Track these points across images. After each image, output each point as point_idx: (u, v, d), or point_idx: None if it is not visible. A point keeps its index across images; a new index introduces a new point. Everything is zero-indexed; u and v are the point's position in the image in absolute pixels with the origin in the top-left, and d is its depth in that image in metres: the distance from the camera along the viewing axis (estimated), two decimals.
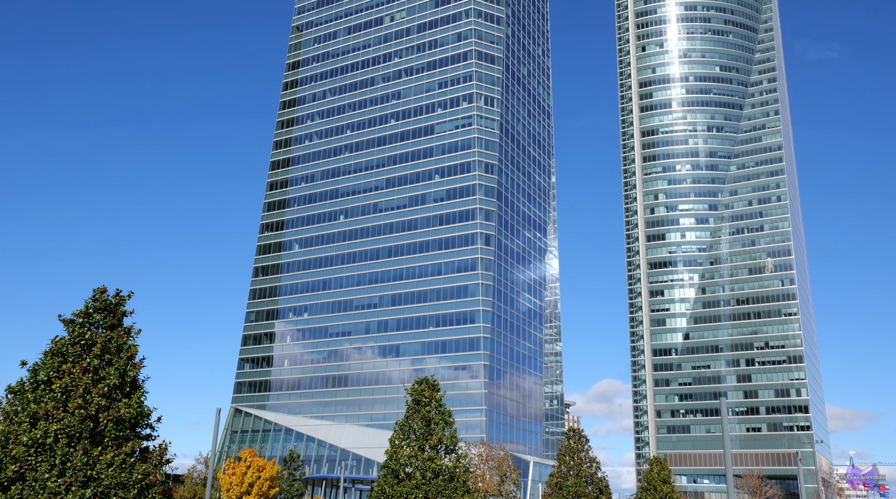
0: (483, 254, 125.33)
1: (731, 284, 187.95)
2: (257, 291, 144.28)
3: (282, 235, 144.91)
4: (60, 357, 23.76)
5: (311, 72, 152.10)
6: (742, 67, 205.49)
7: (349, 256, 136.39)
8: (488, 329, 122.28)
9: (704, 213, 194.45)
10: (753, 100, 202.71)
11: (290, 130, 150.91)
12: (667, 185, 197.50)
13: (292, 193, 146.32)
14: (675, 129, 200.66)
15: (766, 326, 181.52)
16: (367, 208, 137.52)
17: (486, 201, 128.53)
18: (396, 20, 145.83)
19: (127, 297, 25.50)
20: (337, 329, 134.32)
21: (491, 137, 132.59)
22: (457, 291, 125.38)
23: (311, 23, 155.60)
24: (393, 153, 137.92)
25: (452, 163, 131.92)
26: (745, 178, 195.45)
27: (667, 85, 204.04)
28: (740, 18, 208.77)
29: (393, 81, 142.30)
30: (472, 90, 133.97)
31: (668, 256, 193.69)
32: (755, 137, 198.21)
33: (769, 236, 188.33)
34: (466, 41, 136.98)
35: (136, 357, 24.72)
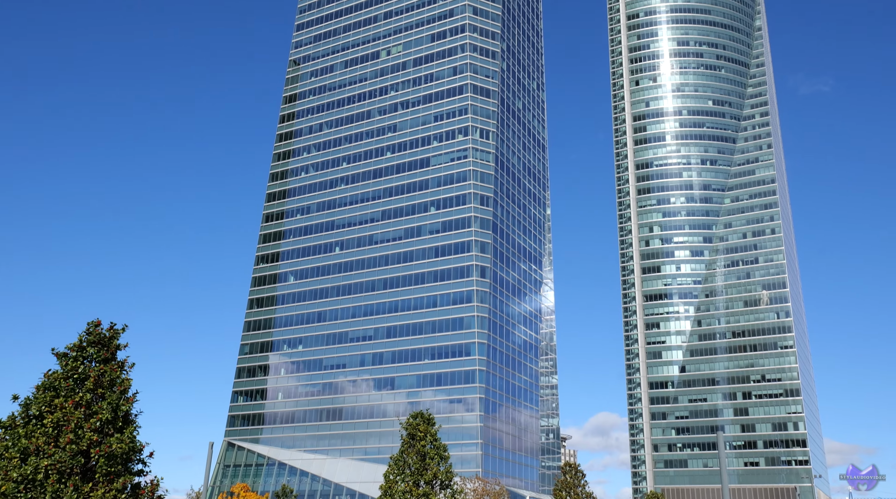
0: (478, 286, 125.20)
1: (726, 317, 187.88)
2: (252, 323, 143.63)
3: (277, 266, 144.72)
4: (53, 391, 23.52)
5: (308, 104, 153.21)
6: (735, 101, 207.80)
7: (344, 288, 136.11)
8: (484, 362, 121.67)
9: (699, 245, 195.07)
10: (746, 133, 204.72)
11: (286, 162, 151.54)
12: (661, 217, 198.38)
13: (288, 225, 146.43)
14: (669, 162, 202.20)
15: (763, 358, 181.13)
16: (363, 240, 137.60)
17: (482, 233, 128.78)
18: (393, 54, 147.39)
19: (121, 330, 25.34)
20: (332, 361, 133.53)
21: (486, 169, 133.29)
22: (452, 324, 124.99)
23: (308, 57, 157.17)
24: (389, 185, 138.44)
25: (448, 195, 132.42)
26: (739, 210, 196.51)
27: (660, 118, 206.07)
28: (732, 54, 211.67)
29: (389, 114, 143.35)
30: (468, 123, 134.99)
31: (664, 289, 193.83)
32: (748, 170, 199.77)
33: (764, 269, 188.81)
34: (462, 75, 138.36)
35: (129, 391, 24.49)
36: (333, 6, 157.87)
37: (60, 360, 24.01)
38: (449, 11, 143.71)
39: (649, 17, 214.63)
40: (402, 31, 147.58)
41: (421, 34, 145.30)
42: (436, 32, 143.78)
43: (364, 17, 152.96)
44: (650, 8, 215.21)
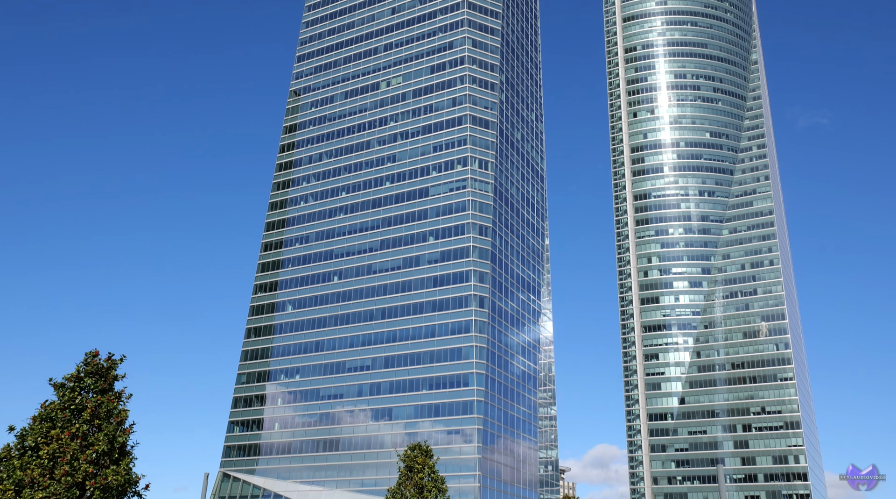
0: (477, 316, 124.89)
1: (725, 348, 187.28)
2: (249, 352, 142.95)
3: (275, 295, 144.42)
4: (49, 422, 23.33)
5: (308, 135, 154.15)
6: (732, 134, 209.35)
7: (342, 318, 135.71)
8: (482, 392, 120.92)
9: (698, 276, 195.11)
10: (744, 165, 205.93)
11: (285, 192, 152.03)
12: (660, 248, 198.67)
13: (286, 254, 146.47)
14: (667, 193, 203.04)
15: (762, 390, 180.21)
16: (361, 270, 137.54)
17: (480, 263, 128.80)
18: (393, 85, 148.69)
19: (119, 360, 25.21)
20: (329, 392, 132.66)
21: (485, 199, 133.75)
22: (450, 354, 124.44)
23: (308, 87, 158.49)
24: (387, 215, 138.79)
25: (447, 225, 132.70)
26: (737, 242, 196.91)
27: (658, 150, 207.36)
28: (729, 87, 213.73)
29: (388, 145, 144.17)
30: (467, 154, 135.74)
31: (663, 320, 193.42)
32: (746, 202, 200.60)
33: (763, 300, 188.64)
34: (461, 106, 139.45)
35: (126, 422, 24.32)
36: (335, 38, 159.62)
37: (58, 390, 23.86)
38: (449, 44, 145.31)
39: (647, 50, 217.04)
40: (403, 62, 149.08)
41: (421, 66, 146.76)
42: (435, 64, 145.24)
43: (365, 49, 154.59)
44: (647, 41, 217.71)
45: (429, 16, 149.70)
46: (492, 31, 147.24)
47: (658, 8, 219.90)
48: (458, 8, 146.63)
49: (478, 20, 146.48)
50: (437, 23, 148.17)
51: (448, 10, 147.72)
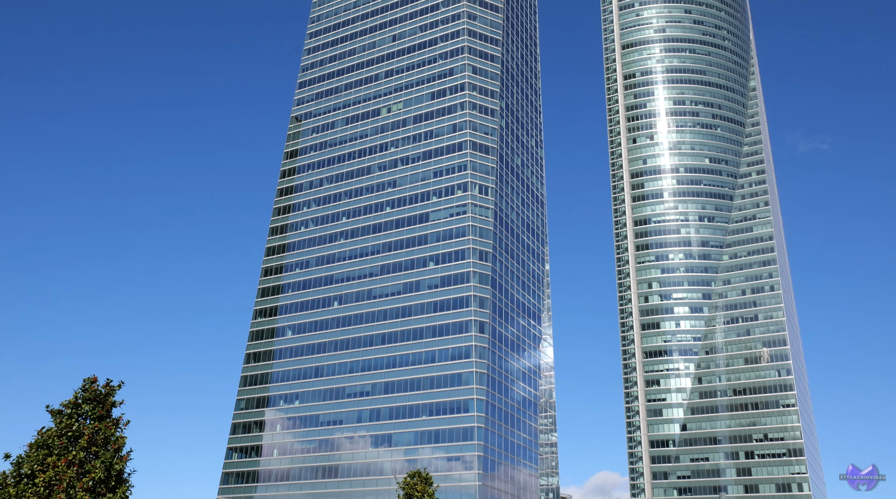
0: (477, 341, 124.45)
1: (727, 374, 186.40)
2: (248, 378, 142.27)
3: (275, 321, 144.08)
4: (46, 450, 23.15)
5: (309, 160, 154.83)
6: (731, 159, 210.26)
7: (342, 343, 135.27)
8: (482, 418, 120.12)
9: (698, 302, 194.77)
10: (743, 191, 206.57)
11: (286, 217, 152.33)
12: (660, 273, 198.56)
13: (286, 279, 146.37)
14: (667, 218, 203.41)
15: (765, 417, 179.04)
16: (362, 295, 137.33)
17: (481, 289, 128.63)
18: (393, 111, 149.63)
19: (117, 387, 25.08)
20: (328, 418, 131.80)
21: (485, 224, 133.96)
22: (450, 380, 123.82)
23: (309, 113, 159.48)
24: (388, 240, 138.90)
25: (447, 250, 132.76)
26: (737, 267, 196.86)
27: (658, 176, 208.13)
28: (727, 113, 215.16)
29: (389, 170, 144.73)
30: (467, 179, 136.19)
31: (664, 345, 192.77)
32: (746, 228, 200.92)
33: (764, 326, 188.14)
34: (461, 132, 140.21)
35: (123, 449, 24.12)
36: (336, 65, 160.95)
37: (55, 417, 23.71)
38: (449, 70, 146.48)
39: (645, 77, 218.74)
40: (403, 89, 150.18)
41: (421, 92, 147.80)
42: (436, 90, 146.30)
43: (366, 76, 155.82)
44: (646, 69, 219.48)
45: (429, 43, 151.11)
46: (492, 58, 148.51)
47: (656, 36, 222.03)
48: (459, 35, 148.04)
49: (478, 47, 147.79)
50: (438, 50, 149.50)
51: (448, 38, 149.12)
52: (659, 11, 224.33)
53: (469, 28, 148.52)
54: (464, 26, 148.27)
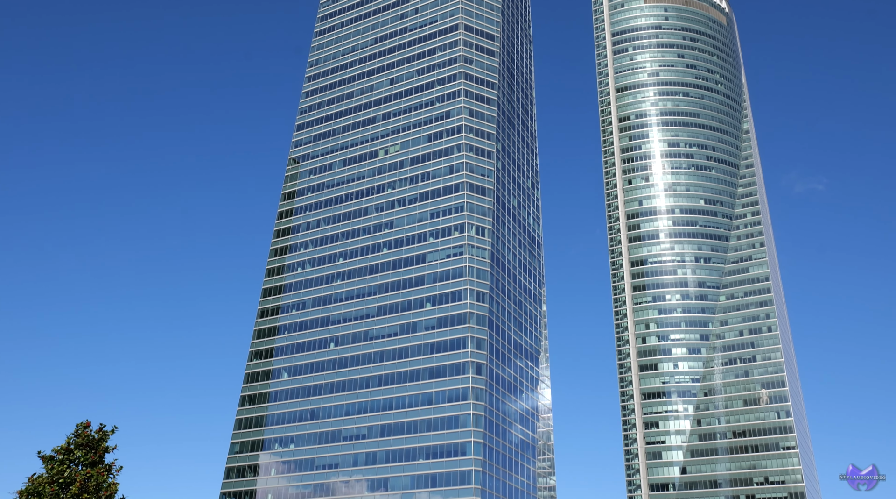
0: (474, 383, 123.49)
1: (726, 416, 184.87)
2: (243, 421, 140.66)
3: (270, 362, 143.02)
4: (36, 497, 22.72)
5: (306, 201, 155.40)
6: (726, 201, 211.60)
7: (338, 385, 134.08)
8: (480, 462, 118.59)
9: (696, 343, 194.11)
10: (739, 232, 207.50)
11: (283, 258, 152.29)
12: (657, 314, 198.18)
13: (283, 321, 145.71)
14: (663, 259, 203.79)
15: (765, 460, 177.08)
16: (358, 336, 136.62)
17: (478, 330, 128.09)
18: (391, 153, 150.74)
19: (110, 432, 24.72)
20: (324, 461, 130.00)
21: (482, 266, 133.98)
22: (448, 422, 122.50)
23: (307, 155, 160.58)
24: (385, 281, 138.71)
25: (444, 291, 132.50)
26: (734, 308, 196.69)
27: (654, 217, 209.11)
28: (721, 155, 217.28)
29: (386, 211, 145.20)
30: (464, 220, 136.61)
31: (662, 387, 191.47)
32: (742, 268, 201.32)
33: (762, 367, 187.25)
34: (458, 174, 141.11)
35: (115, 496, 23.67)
36: (334, 107, 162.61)
37: (46, 463, 23.31)
38: (446, 113, 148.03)
39: (640, 119, 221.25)
40: (401, 131, 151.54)
41: (418, 134, 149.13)
42: (433, 132, 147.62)
43: (363, 118, 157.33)
44: (641, 111, 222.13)
45: (426, 86, 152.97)
46: (488, 100, 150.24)
47: (650, 79, 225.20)
48: (455, 79, 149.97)
49: (474, 90, 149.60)
50: (435, 93, 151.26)
51: (445, 81, 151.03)
52: (652, 56, 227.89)
53: (465, 72, 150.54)
54: (460, 70, 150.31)
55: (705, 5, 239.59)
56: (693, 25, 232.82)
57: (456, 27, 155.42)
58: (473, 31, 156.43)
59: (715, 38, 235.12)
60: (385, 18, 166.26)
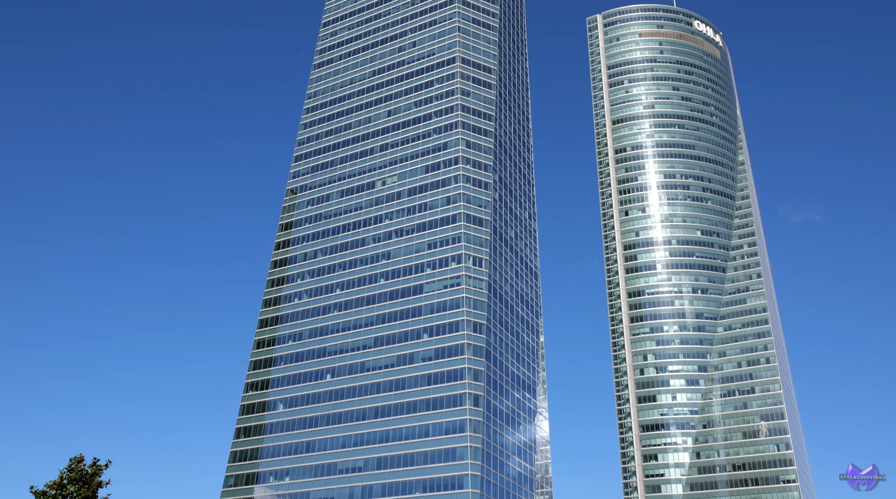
0: (472, 415, 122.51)
1: (725, 449, 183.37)
2: (238, 453, 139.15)
3: (266, 394, 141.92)
4: None
5: (304, 232, 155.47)
6: (722, 232, 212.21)
7: (335, 417, 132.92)
8: (477, 495, 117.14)
9: (694, 374, 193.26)
10: (735, 263, 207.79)
11: (279, 289, 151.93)
12: (655, 345, 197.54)
13: (279, 352, 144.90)
14: (660, 290, 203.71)
15: (765, 494, 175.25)
16: (355, 367, 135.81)
17: (475, 361, 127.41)
18: (388, 184, 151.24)
19: (104, 466, 24.40)
20: (320, 494, 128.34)
21: (479, 296, 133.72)
22: (445, 455, 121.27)
23: (305, 186, 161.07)
24: (382, 312, 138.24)
25: (441, 322, 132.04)
26: (732, 339, 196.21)
27: (651, 248, 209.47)
28: (717, 186, 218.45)
29: (383, 242, 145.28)
30: (461, 251, 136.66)
31: (661, 419, 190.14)
32: (740, 299, 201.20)
33: (761, 399, 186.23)
34: (455, 205, 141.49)
35: None
36: (331, 139, 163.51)
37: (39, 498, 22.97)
38: (443, 145, 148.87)
39: (636, 151, 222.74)
40: (398, 162, 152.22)
41: (416, 165, 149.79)
42: (430, 164, 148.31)
43: (361, 150, 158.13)
44: (636, 143, 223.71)
45: (424, 118, 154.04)
46: (485, 132, 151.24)
47: (646, 111, 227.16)
48: (453, 111, 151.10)
49: (471, 122, 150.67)
50: (432, 124, 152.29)
51: (443, 113, 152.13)
52: (648, 89, 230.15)
53: (462, 104, 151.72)
54: (457, 102, 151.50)
55: (699, 39, 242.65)
56: (687, 59, 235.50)
57: (453, 60, 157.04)
58: (470, 63, 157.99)
59: (709, 71, 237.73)
60: (383, 51, 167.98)
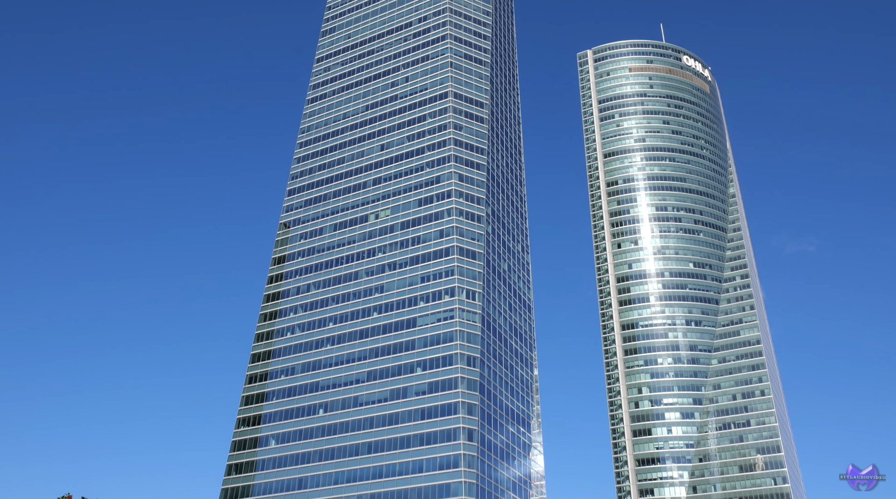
0: (466, 450, 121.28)
1: (722, 483, 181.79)
2: (229, 490, 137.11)
3: (258, 429, 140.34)
4: None
5: (297, 266, 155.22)
6: (715, 264, 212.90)
7: (327, 453, 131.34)
8: None
9: (689, 407, 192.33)
10: (728, 295, 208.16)
11: (272, 323, 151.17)
12: (650, 378, 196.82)
13: (271, 387, 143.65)
14: (654, 322, 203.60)
15: None
16: (348, 402, 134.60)
17: (469, 395, 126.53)
18: (381, 218, 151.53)
19: None
20: None
21: (473, 330, 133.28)
22: (439, 491, 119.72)
23: (298, 220, 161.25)
24: (375, 346, 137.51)
25: (434, 356, 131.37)
26: (727, 371, 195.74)
27: (643, 280, 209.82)
28: (709, 218, 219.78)
29: (376, 275, 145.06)
30: (454, 284, 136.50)
31: (656, 453, 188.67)
32: (733, 331, 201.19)
33: (756, 432, 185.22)
34: (448, 238, 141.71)
35: None
36: (325, 173, 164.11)
37: None
38: (436, 178, 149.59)
39: (628, 184, 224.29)
40: (391, 196, 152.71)
41: (409, 199, 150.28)
42: (423, 197, 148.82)
43: (354, 183, 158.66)
44: (628, 176, 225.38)
45: (416, 152, 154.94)
46: (478, 166, 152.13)
47: (637, 145, 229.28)
48: (445, 145, 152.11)
49: (464, 156, 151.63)
50: (425, 158, 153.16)
51: (435, 147, 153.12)
52: (638, 122, 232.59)
53: (455, 138, 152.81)
54: (450, 136, 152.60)
55: (689, 74, 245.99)
56: (677, 93, 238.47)
57: (445, 95, 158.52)
58: (463, 98, 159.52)
59: (699, 105, 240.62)
60: (376, 86, 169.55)
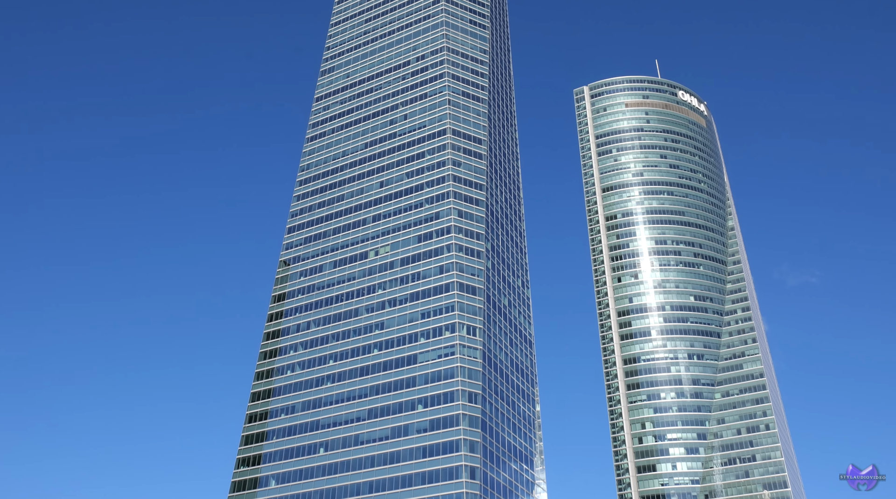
0: (468, 488, 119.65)
1: None
2: None
3: (258, 470, 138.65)
4: None
5: (297, 303, 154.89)
6: (716, 297, 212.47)
7: (328, 493, 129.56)
8: None
9: (694, 442, 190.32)
10: (730, 328, 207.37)
11: (272, 361, 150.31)
12: (653, 413, 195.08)
13: (271, 426, 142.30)
14: (656, 356, 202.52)
15: None
16: (349, 440, 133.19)
17: (471, 432, 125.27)
18: (381, 255, 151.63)
19: None
20: None
21: (474, 365, 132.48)
22: None
23: (298, 257, 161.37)
24: (376, 383, 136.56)
25: (436, 392, 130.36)
26: (730, 405, 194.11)
27: (644, 314, 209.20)
28: (708, 252, 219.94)
29: (377, 312, 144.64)
30: (455, 320, 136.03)
31: (662, 489, 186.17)
32: (736, 365, 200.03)
33: (762, 467, 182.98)
34: (448, 274, 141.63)
35: None
36: (324, 210, 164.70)
37: None
38: (435, 214, 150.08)
39: (627, 217, 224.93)
40: (391, 232, 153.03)
41: (408, 235, 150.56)
42: (423, 233, 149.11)
43: (354, 220, 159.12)
44: (627, 210, 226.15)
45: (416, 188, 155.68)
46: (477, 202, 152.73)
47: (635, 179, 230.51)
48: (444, 181, 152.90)
49: (463, 192, 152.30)
50: (424, 194, 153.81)
51: (434, 183, 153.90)
52: (636, 157, 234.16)
53: (454, 174, 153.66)
54: (449, 172, 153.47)
55: (685, 109, 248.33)
56: (674, 127, 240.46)
57: (444, 131, 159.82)
58: (461, 135, 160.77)
59: (696, 139, 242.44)
60: (375, 124, 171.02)
